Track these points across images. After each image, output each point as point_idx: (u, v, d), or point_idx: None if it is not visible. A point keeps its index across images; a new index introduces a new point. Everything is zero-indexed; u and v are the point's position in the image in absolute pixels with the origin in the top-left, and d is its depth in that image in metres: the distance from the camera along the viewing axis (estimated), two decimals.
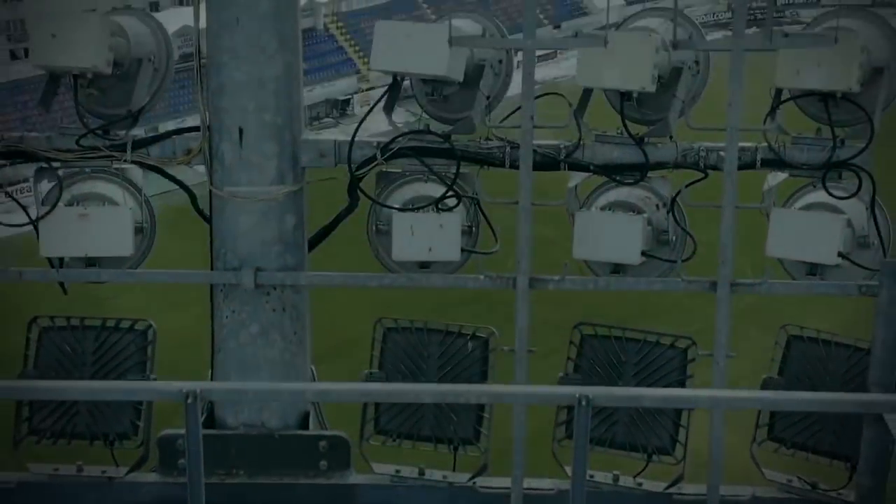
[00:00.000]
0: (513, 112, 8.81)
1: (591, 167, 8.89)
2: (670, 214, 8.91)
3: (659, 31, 8.74)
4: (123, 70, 8.86)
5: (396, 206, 8.93)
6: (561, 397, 6.61)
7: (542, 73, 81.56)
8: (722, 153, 8.60)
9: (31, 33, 8.75)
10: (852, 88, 8.43)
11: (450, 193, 8.81)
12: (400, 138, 8.85)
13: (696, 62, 8.95)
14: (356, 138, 8.86)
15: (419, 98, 9.01)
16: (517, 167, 8.65)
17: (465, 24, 9.03)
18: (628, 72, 8.51)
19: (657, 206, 9.01)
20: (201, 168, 8.97)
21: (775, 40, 7.49)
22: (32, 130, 9.01)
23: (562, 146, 8.88)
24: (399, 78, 8.81)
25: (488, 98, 8.95)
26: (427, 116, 9.09)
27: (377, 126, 9.52)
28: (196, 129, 8.88)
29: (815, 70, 8.43)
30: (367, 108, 8.84)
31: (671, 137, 8.85)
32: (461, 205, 8.93)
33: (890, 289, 8.35)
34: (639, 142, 8.79)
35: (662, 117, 8.85)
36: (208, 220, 9.03)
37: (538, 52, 8.46)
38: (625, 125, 8.79)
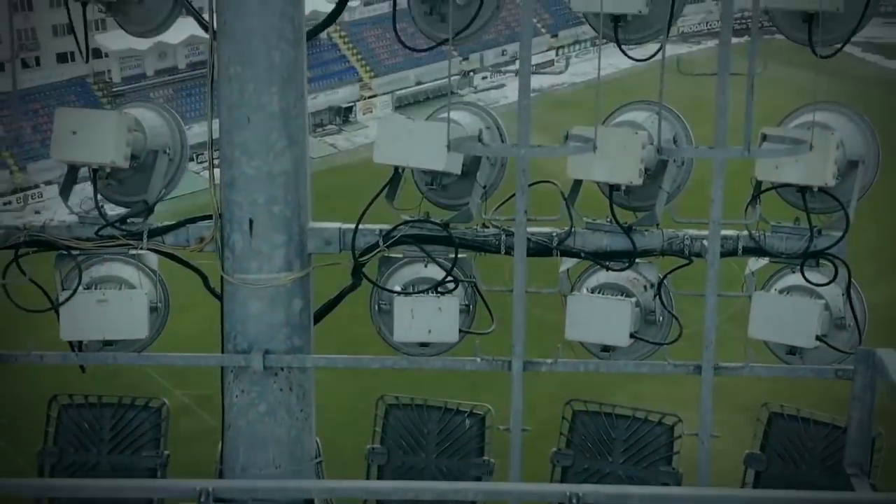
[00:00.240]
0: (507, 199, 9.30)
1: (582, 254, 9.35)
2: (657, 298, 9.38)
3: (646, 126, 9.21)
4: (140, 162, 9.29)
5: (398, 288, 9.40)
6: (553, 495, 7.11)
7: (539, 81, 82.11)
8: (705, 242, 9.09)
9: (53, 129, 9.13)
10: (828, 183, 8.87)
11: (448, 279, 9.27)
12: (402, 226, 9.32)
13: None
14: (360, 225, 9.33)
15: (420, 186, 9.45)
16: (512, 254, 9.15)
17: (463, 118, 9.49)
18: (617, 167, 8.97)
19: (645, 286, 9.48)
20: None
21: (753, 149, 7.94)
22: (44, 139, 9.38)
23: (554, 234, 9.32)
24: (400, 169, 9.29)
25: (485, 188, 9.42)
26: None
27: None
28: (208, 217, 9.35)
29: (793, 165, 8.87)
30: (368, 115, 9.29)
31: (657, 225, 9.33)
32: (459, 286, 9.41)
33: (864, 374, 8.85)
34: (627, 230, 9.26)
35: (649, 205, 9.32)
36: (220, 297, 9.51)
37: (534, 59, 8.86)
38: (613, 214, 9.25)
